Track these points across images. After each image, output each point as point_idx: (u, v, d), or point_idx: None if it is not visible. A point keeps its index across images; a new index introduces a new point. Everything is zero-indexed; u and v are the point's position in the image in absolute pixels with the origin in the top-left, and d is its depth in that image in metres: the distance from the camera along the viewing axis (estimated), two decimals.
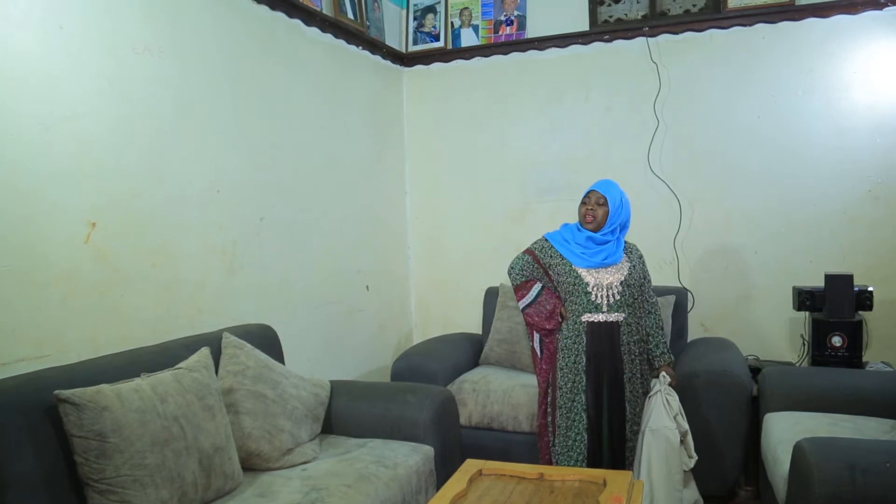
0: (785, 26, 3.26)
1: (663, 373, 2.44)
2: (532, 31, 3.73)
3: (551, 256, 2.46)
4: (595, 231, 2.40)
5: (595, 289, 2.37)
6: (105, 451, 1.62)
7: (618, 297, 2.38)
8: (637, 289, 2.44)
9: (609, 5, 3.61)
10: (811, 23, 3.22)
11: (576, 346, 2.39)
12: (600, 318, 2.37)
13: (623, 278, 2.39)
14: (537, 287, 2.49)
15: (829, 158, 3.22)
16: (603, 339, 2.37)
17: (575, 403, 2.38)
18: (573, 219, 2.54)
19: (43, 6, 1.92)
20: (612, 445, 2.37)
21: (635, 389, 2.41)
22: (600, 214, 2.39)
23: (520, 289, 2.52)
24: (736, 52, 3.35)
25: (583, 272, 2.39)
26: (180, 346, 2.13)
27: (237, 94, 2.66)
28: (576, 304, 2.40)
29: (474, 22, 3.85)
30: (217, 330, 2.37)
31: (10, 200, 1.83)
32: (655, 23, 3.48)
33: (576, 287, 2.39)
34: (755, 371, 2.89)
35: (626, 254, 2.46)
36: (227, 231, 2.60)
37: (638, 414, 2.39)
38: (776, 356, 3.30)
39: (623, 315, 2.38)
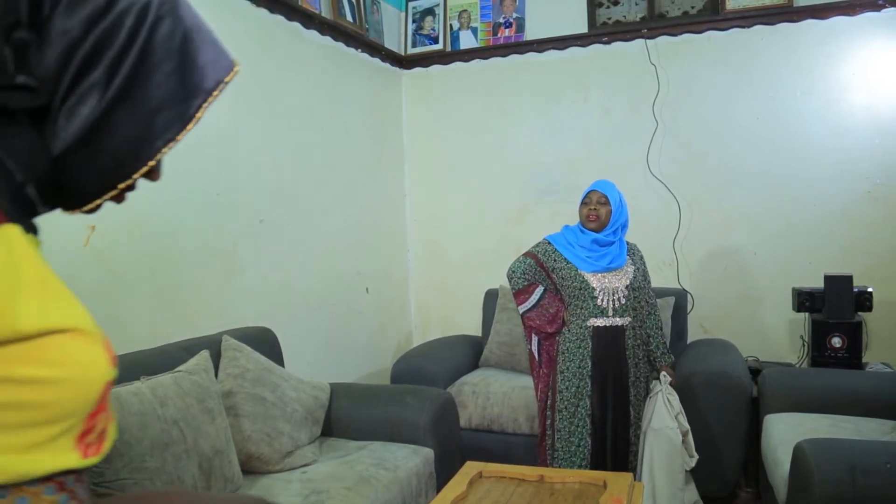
0: (783, 27, 3.27)
1: (664, 373, 2.44)
2: (531, 34, 3.73)
3: (555, 260, 2.44)
4: (598, 231, 2.39)
5: (601, 293, 2.36)
6: None
7: (623, 302, 2.37)
8: (640, 291, 2.45)
9: (608, 7, 3.61)
10: (809, 24, 3.22)
11: (580, 350, 2.38)
12: (606, 322, 2.36)
13: (628, 282, 2.38)
14: (539, 291, 2.46)
15: (827, 159, 3.22)
16: (608, 343, 2.36)
17: (579, 408, 2.37)
18: (573, 220, 2.53)
19: None
20: (616, 449, 2.36)
21: (639, 393, 2.41)
22: (603, 214, 2.37)
23: (521, 293, 2.48)
24: (734, 54, 3.36)
25: (589, 276, 2.37)
26: (180, 349, 2.12)
27: (237, 96, 2.66)
28: (581, 308, 2.39)
29: (473, 24, 3.85)
30: (216, 333, 2.37)
31: None
32: (654, 24, 3.48)
33: (582, 291, 2.38)
34: (755, 372, 2.89)
35: (628, 256, 2.45)
36: (227, 233, 2.60)
37: (641, 417, 2.39)
38: (776, 357, 3.30)
39: (628, 319, 2.38)
